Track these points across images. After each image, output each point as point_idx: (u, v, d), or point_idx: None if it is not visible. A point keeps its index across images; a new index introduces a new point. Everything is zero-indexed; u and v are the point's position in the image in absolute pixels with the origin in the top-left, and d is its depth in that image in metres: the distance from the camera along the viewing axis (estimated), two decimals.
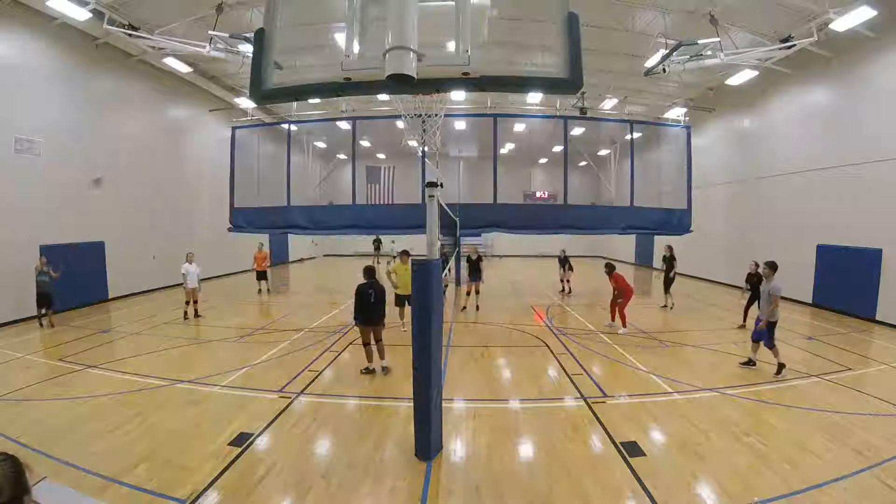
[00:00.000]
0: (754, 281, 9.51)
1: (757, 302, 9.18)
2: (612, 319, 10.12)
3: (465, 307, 11.88)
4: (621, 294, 9.76)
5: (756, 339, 7.09)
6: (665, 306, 12.35)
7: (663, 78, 13.25)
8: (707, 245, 17.39)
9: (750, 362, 7.20)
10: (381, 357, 6.92)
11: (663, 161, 14.42)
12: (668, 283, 12.33)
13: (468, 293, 12.02)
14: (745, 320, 9.96)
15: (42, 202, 10.80)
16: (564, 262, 14.71)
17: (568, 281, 14.84)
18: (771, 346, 6.86)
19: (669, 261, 12.42)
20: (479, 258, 12.18)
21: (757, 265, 9.35)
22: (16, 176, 10.25)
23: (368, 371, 6.83)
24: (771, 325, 6.84)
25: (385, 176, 15.28)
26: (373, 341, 6.78)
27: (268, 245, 22.22)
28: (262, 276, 14.57)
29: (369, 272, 6.77)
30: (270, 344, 8.52)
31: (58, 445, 4.46)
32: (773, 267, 6.98)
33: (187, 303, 10.71)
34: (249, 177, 14.11)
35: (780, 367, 6.81)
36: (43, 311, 9.77)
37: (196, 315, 10.75)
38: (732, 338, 9.14)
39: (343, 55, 2.56)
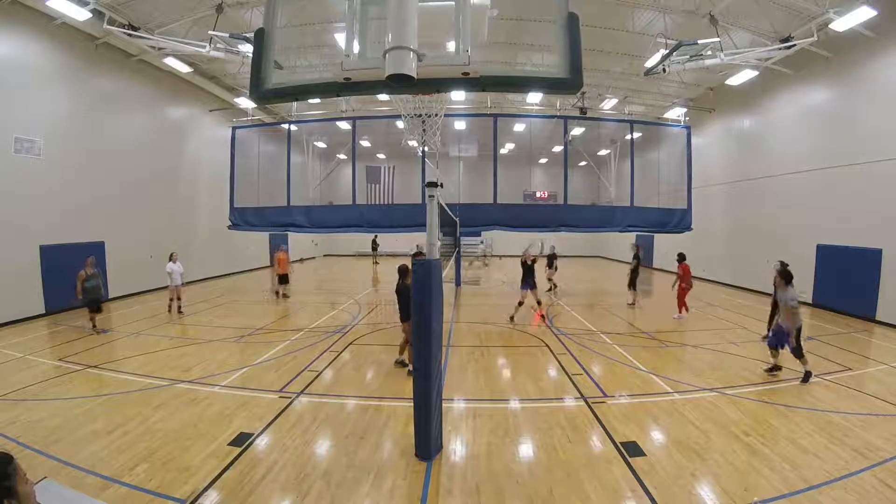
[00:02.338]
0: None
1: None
2: (680, 311, 10.78)
3: (512, 317, 10.56)
4: (685, 280, 10.82)
5: (773, 345, 6.67)
6: (632, 304, 12.41)
7: (663, 78, 13.27)
8: (707, 245, 17.38)
9: (775, 368, 6.75)
10: (400, 352, 7.20)
11: (663, 161, 14.43)
12: (633, 280, 12.38)
13: (520, 303, 10.52)
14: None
15: (42, 202, 10.80)
16: (552, 259, 14.68)
17: (551, 279, 14.81)
18: (799, 354, 6.37)
19: (635, 258, 12.44)
20: (535, 260, 10.51)
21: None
22: (16, 176, 10.25)
23: (401, 364, 7.10)
24: (796, 331, 6.36)
25: (385, 176, 15.29)
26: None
27: (268, 246, 22.28)
28: (283, 279, 13.76)
29: (400, 271, 6.89)
30: (270, 344, 8.52)
31: (58, 445, 4.46)
32: (784, 276, 6.38)
33: (171, 299, 11.10)
34: (249, 176, 14.13)
35: (807, 375, 6.42)
36: (92, 315, 9.22)
37: (179, 312, 11.00)
38: (731, 337, 9.13)
39: (343, 55, 2.56)
